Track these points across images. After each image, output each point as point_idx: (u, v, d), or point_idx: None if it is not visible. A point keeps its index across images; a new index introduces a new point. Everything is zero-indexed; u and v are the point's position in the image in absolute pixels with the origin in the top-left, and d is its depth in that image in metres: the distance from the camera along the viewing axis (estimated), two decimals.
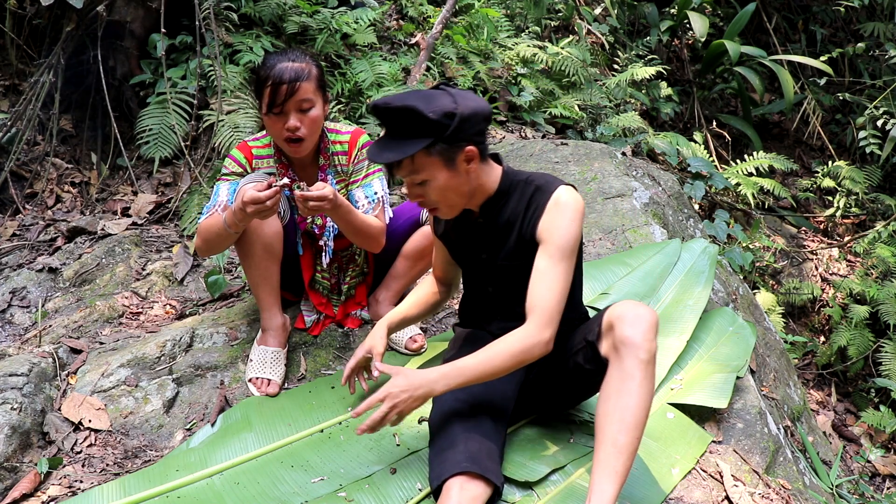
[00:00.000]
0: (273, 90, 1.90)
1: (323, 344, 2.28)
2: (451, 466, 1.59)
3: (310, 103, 1.96)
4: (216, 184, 2.08)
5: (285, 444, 1.87)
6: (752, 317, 2.97)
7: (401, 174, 1.65)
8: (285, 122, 1.95)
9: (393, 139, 1.62)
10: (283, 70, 1.90)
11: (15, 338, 2.50)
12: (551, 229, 1.67)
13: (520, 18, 5.16)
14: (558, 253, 1.66)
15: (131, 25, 3.49)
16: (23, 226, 3.16)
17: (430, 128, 1.57)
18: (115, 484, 1.69)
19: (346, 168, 2.16)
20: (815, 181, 5.73)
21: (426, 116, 1.55)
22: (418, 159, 1.60)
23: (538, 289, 1.65)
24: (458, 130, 1.58)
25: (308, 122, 1.97)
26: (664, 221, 3.18)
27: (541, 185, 1.72)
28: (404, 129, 1.59)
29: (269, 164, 2.09)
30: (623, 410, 1.52)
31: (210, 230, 1.94)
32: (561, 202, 1.67)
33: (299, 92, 1.91)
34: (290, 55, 1.96)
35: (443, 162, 1.61)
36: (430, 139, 1.57)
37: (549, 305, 1.64)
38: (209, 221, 1.95)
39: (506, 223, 1.75)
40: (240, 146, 2.10)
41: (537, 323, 1.63)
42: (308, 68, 1.94)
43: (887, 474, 3.50)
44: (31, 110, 3.29)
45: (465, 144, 1.62)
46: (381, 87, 3.73)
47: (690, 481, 1.88)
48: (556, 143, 3.77)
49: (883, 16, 6.37)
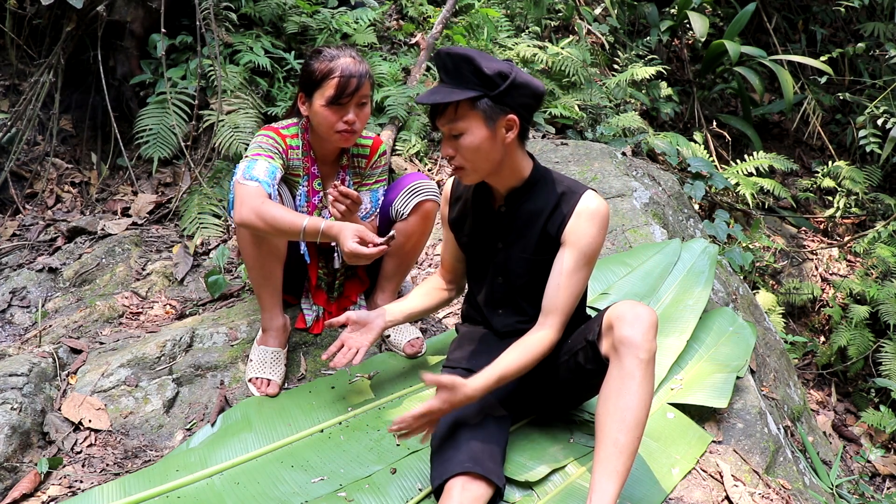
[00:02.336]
0: (343, 83, 1.95)
1: (323, 344, 2.28)
2: (452, 466, 1.59)
3: (367, 99, 2.03)
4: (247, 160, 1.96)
5: (285, 444, 1.87)
6: (752, 317, 2.97)
7: (441, 122, 1.68)
8: (343, 115, 1.99)
9: (445, 86, 1.66)
10: (350, 64, 1.97)
11: (15, 338, 2.50)
12: (579, 234, 1.70)
13: (520, 18, 5.16)
14: (583, 259, 1.70)
15: (131, 25, 3.49)
16: (23, 226, 3.16)
17: (481, 81, 1.61)
18: (115, 484, 1.69)
19: (364, 171, 2.22)
20: (815, 181, 5.72)
21: (481, 68, 1.60)
22: (462, 109, 1.64)
23: (558, 291, 1.70)
24: (507, 93, 1.63)
25: (363, 116, 2.03)
26: (664, 221, 3.18)
27: (570, 186, 1.76)
28: (458, 78, 1.63)
29: (298, 156, 2.11)
30: (623, 410, 1.52)
31: (279, 220, 1.84)
32: (591, 209, 1.71)
33: (363, 88, 1.99)
34: (346, 50, 2.02)
35: (484, 119, 1.64)
36: (478, 92, 1.62)
37: (567, 310, 1.71)
38: (280, 210, 1.86)
39: (529, 216, 1.77)
40: (273, 130, 2.07)
41: (553, 325, 1.71)
42: (368, 67, 2.03)
43: (887, 474, 3.50)
44: (31, 110, 3.28)
45: (510, 111, 1.66)
46: (380, 87, 3.74)
47: (690, 481, 1.88)
48: (556, 143, 3.77)
49: (883, 16, 6.37)
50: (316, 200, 2.16)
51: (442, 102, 1.63)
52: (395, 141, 3.63)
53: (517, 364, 1.67)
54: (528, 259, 1.78)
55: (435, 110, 1.68)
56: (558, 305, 1.70)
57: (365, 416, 1.99)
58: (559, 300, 1.70)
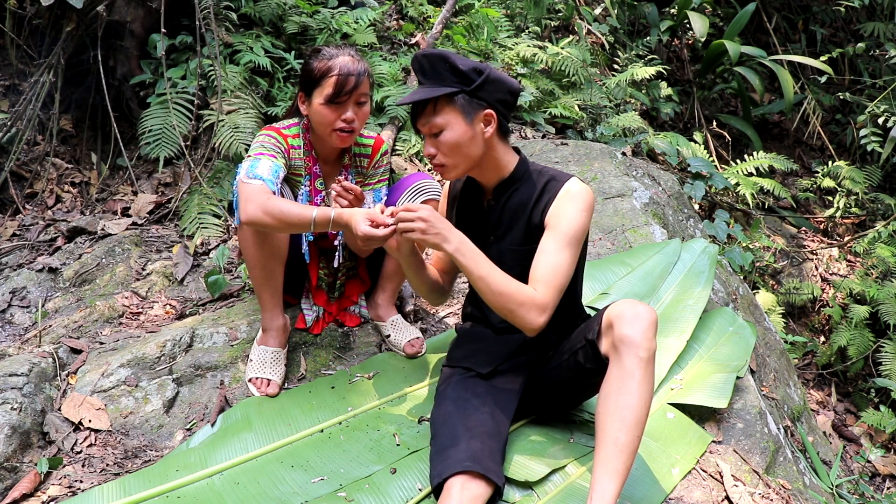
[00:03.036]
0: (341, 81, 1.95)
1: (323, 344, 2.29)
2: (452, 465, 1.59)
3: (367, 97, 2.03)
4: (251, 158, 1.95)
5: (285, 444, 1.87)
6: (752, 317, 2.97)
7: (422, 122, 1.73)
8: (341, 114, 1.99)
9: (422, 87, 1.72)
10: (348, 63, 1.97)
11: (15, 338, 2.50)
12: (559, 216, 1.72)
13: (520, 18, 5.16)
14: (564, 239, 1.70)
15: (131, 25, 3.49)
16: (23, 226, 3.16)
17: (457, 77, 1.68)
18: (115, 484, 1.69)
19: (366, 171, 2.22)
20: (815, 181, 5.72)
21: (456, 65, 1.67)
22: (440, 105, 1.70)
23: (542, 267, 1.69)
24: (482, 88, 1.69)
25: (362, 115, 2.03)
26: (664, 221, 3.18)
27: (554, 175, 1.79)
28: (434, 77, 1.71)
29: (299, 155, 2.11)
30: (623, 409, 1.52)
31: (288, 214, 1.83)
32: (572, 192, 1.74)
33: (362, 86, 1.99)
34: (345, 49, 2.03)
35: (462, 114, 1.70)
36: (455, 88, 1.68)
37: (553, 283, 1.67)
38: (287, 204, 1.85)
39: (517, 207, 1.79)
40: (275, 129, 2.07)
41: (542, 293, 1.66)
42: (367, 66, 2.02)
43: (887, 474, 3.50)
44: (31, 110, 3.29)
45: (487, 106, 1.71)
46: (380, 86, 3.74)
47: (690, 481, 1.88)
48: (556, 143, 3.77)
49: (883, 16, 6.37)
50: (318, 200, 2.16)
51: (421, 100, 1.68)
52: (394, 141, 3.64)
53: (498, 280, 1.64)
54: (518, 250, 1.80)
55: (416, 112, 1.73)
56: (542, 277, 1.67)
57: (365, 416, 1.99)
58: (543, 272, 1.68)
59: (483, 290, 1.66)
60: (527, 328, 1.67)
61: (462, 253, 1.64)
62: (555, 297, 1.68)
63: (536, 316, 1.65)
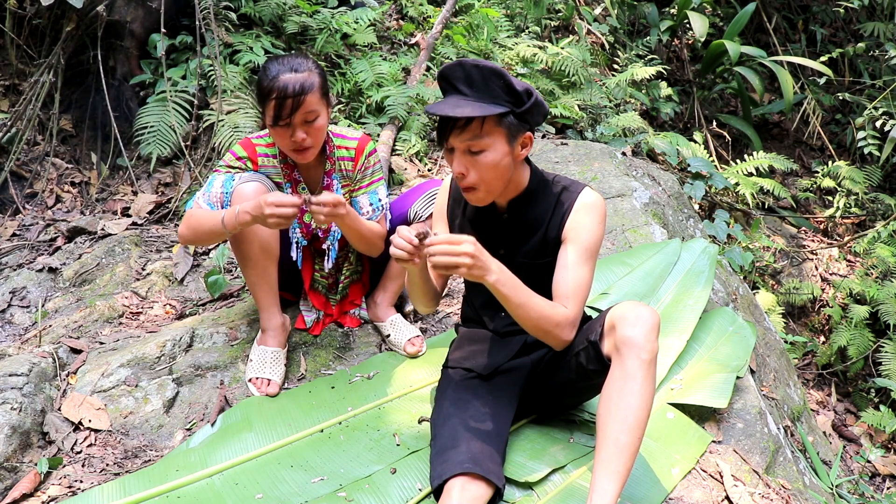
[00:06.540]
0: (278, 104, 1.85)
1: (323, 344, 2.29)
2: (452, 466, 1.59)
3: (315, 114, 1.90)
4: (211, 174, 2.06)
5: (285, 444, 1.87)
6: (752, 317, 2.97)
7: (462, 137, 1.60)
8: (291, 135, 1.91)
9: (466, 99, 1.58)
10: (287, 82, 1.84)
11: (15, 338, 2.49)
12: (578, 229, 1.71)
13: (520, 18, 5.16)
14: (585, 253, 1.70)
15: (131, 25, 3.49)
16: (23, 226, 3.16)
17: (511, 97, 1.58)
18: (115, 484, 1.69)
19: (352, 174, 2.15)
20: (815, 181, 5.73)
21: (512, 84, 1.56)
22: (489, 124, 1.59)
23: (568, 282, 1.68)
24: (530, 111, 1.62)
25: (314, 131, 1.93)
26: (664, 221, 3.18)
27: (566, 185, 1.77)
28: (485, 91, 1.58)
29: (274, 164, 2.07)
30: (625, 410, 1.52)
31: (202, 224, 1.92)
32: (588, 204, 1.72)
33: (305, 105, 1.87)
34: (291, 62, 1.89)
35: (507, 136, 1.62)
36: (508, 108, 1.58)
37: (578, 297, 1.68)
38: (203, 215, 1.93)
39: (532, 221, 1.77)
40: (243, 142, 2.07)
41: (572, 309, 1.67)
42: (311, 78, 1.88)
43: (887, 474, 3.50)
44: (31, 110, 3.29)
45: (528, 129, 1.65)
46: (380, 86, 3.74)
47: (690, 481, 1.88)
48: (556, 143, 3.77)
49: (883, 16, 6.37)
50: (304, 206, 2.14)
51: (472, 116, 1.55)
52: (394, 141, 3.63)
53: (536, 305, 1.60)
54: (530, 264, 1.78)
55: (452, 124, 1.59)
56: (568, 292, 1.68)
57: (365, 416, 1.99)
58: (569, 287, 1.68)
59: (521, 317, 1.62)
60: (558, 345, 1.70)
61: (502, 283, 1.56)
62: (581, 311, 1.71)
63: (570, 333, 1.68)
